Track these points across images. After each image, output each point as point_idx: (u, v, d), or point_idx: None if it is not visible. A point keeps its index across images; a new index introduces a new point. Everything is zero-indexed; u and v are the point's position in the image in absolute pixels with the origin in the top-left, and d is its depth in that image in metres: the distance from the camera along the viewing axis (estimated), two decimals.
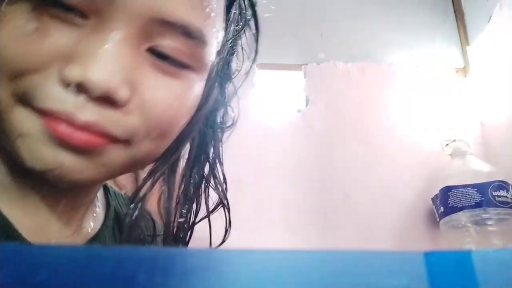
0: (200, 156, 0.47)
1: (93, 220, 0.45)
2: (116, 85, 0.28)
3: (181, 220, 0.48)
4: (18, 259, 0.21)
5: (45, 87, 0.28)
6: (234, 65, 0.45)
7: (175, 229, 0.48)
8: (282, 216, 1.32)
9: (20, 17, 0.27)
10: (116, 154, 0.32)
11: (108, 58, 0.27)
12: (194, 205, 0.50)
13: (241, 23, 0.41)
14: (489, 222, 1.10)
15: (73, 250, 0.23)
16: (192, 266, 0.22)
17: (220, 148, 0.50)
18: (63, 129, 0.28)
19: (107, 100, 0.29)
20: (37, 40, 0.27)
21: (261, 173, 1.37)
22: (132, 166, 0.37)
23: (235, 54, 0.44)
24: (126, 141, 0.32)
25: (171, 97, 0.32)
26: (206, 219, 0.51)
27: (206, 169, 0.50)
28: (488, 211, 1.11)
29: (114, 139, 0.31)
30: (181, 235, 0.50)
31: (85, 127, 0.29)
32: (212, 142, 0.48)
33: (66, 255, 0.22)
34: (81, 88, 0.28)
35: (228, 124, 0.48)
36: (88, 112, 0.28)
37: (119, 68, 0.28)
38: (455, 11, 1.68)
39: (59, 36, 0.28)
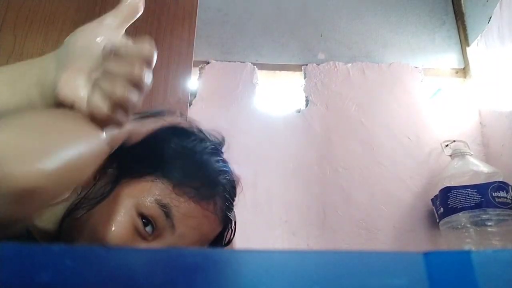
0: None
1: None
2: None
3: None
4: (18, 259, 0.21)
5: None
6: None
7: None
8: (282, 216, 1.32)
9: None
10: None
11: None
12: None
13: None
14: (489, 223, 1.10)
15: (74, 250, 0.23)
16: (192, 266, 0.22)
17: None
18: None
19: None
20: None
21: (261, 173, 1.37)
22: None
23: None
24: None
25: None
26: None
27: None
28: (487, 212, 1.11)
29: None
30: None
31: None
32: None
33: (67, 255, 0.22)
34: None
35: None
36: None
37: None
38: (455, 12, 1.68)
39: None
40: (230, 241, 0.59)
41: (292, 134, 1.44)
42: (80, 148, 0.38)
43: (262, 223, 1.30)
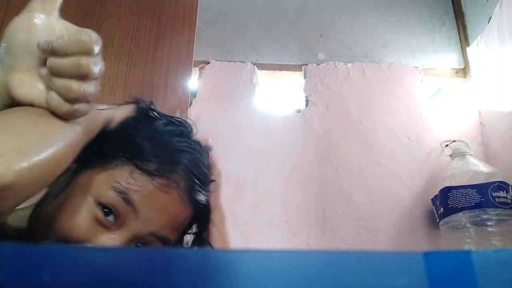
0: None
1: None
2: None
3: None
4: (18, 259, 0.21)
5: None
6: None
7: None
8: (282, 216, 1.32)
9: None
10: None
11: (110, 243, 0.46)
12: None
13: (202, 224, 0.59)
14: (489, 223, 1.10)
15: (73, 250, 0.23)
16: (192, 266, 0.22)
17: None
18: None
19: None
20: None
21: (261, 173, 1.37)
22: None
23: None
24: None
25: None
26: None
27: None
28: (488, 212, 1.11)
29: None
30: None
31: None
32: None
33: (66, 255, 0.22)
34: None
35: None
36: None
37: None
38: (455, 12, 1.68)
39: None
40: (206, 225, 0.57)
41: (292, 134, 1.44)
42: (56, 143, 0.40)
43: (262, 223, 1.30)
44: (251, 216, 1.31)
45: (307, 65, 1.57)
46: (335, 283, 0.22)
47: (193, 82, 1.47)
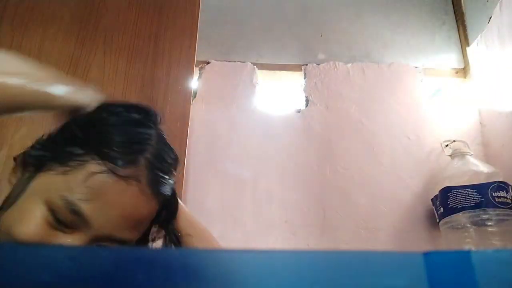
0: None
1: None
2: None
3: None
4: (18, 259, 0.21)
5: None
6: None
7: None
8: (282, 216, 1.32)
9: None
10: None
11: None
12: None
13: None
14: (489, 223, 1.10)
15: (73, 250, 0.23)
16: (192, 266, 0.22)
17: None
18: None
19: None
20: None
21: (261, 173, 1.37)
22: None
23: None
24: None
25: None
26: None
27: None
28: (487, 212, 1.11)
29: None
30: None
31: None
32: None
33: (66, 255, 0.22)
34: None
35: None
36: None
37: None
38: (455, 12, 1.68)
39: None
40: (173, 214, 0.57)
41: (292, 134, 1.44)
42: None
43: (262, 223, 1.30)
44: (251, 216, 1.31)
45: (307, 65, 1.57)
46: (335, 283, 0.22)
47: (193, 82, 1.47)
